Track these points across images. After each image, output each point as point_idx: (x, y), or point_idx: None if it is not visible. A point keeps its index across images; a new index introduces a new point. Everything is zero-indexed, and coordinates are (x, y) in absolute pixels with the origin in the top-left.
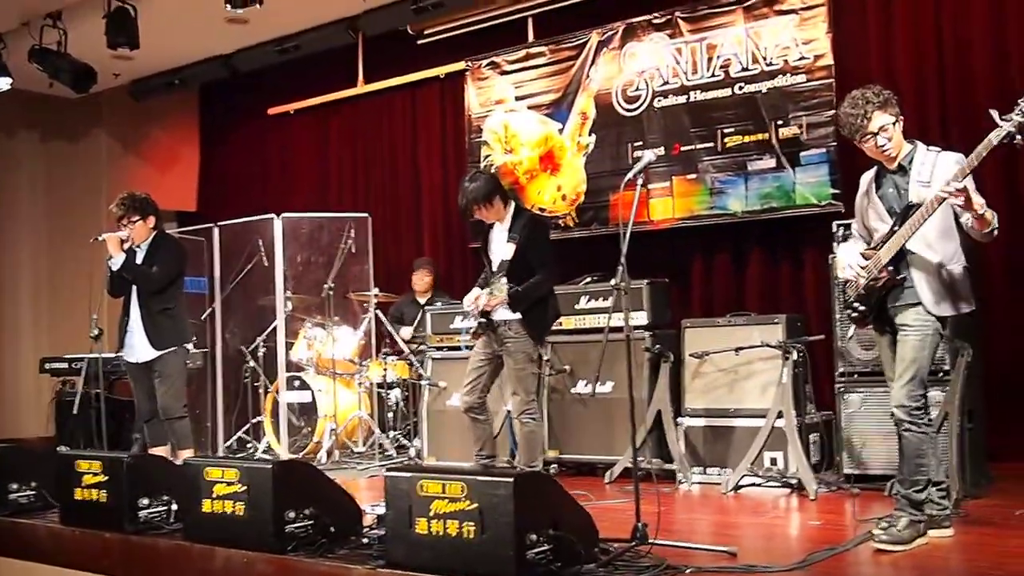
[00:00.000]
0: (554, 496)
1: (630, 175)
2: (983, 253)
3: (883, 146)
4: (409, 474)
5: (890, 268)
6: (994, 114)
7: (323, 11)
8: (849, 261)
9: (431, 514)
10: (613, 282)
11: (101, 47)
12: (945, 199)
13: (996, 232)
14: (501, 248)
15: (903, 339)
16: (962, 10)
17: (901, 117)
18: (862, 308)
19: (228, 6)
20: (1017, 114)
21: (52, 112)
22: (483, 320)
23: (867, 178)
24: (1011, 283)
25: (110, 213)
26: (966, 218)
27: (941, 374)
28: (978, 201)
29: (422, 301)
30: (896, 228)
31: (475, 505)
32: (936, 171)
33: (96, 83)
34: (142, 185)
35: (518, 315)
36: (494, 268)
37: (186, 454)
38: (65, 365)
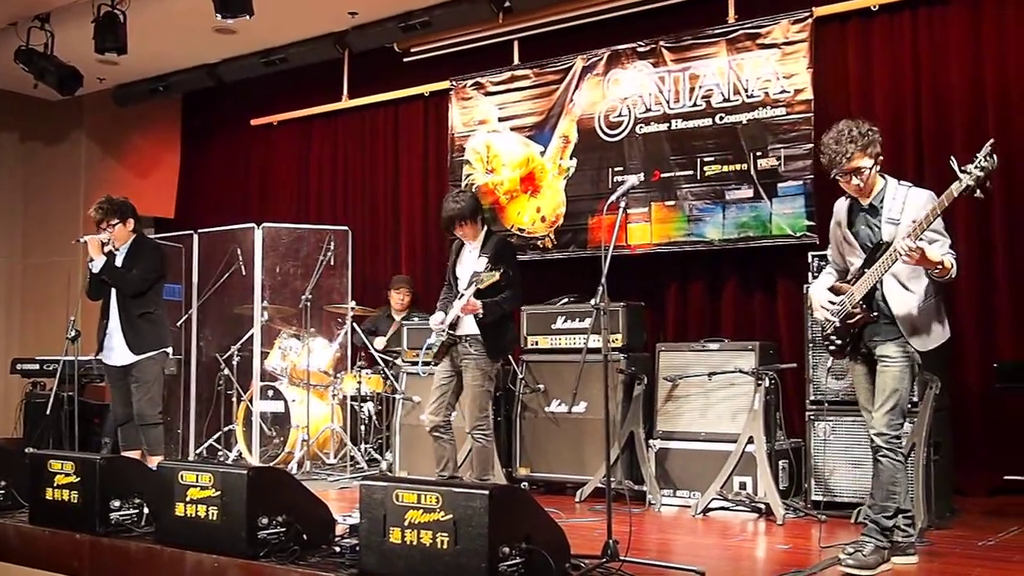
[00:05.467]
0: (528, 511)
1: (613, 197)
2: (951, 289)
3: (857, 185)
4: (385, 483)
5: (863, 305)
6: (954, 164)
7: (311, 25)
8: (821, 302)
9: (405, 524)
10: (593, 302)
11: (87, 51)
12: (898, 258)
13: (954, 275)
14: (471, 266)
15: (884, 370)
16: (939, 48)
17: (881, 157)
18: (839, 342)
19: (218, 16)
20: (976, 168)
21: (33, 113)
22: (448, 334)
23: (840, 208)
24: (978, 320)
25: (88, 217)
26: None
27: (910, 405)
28: (936, 256)
29: (398, 318)
30: (866, 268)
31: (449, 516)
32: (906, 208)
33: (81, 86)
34: (121, 190)
35: (478, 331)
36: (461, 286)
37: (157, 460)
38: (37, 367)
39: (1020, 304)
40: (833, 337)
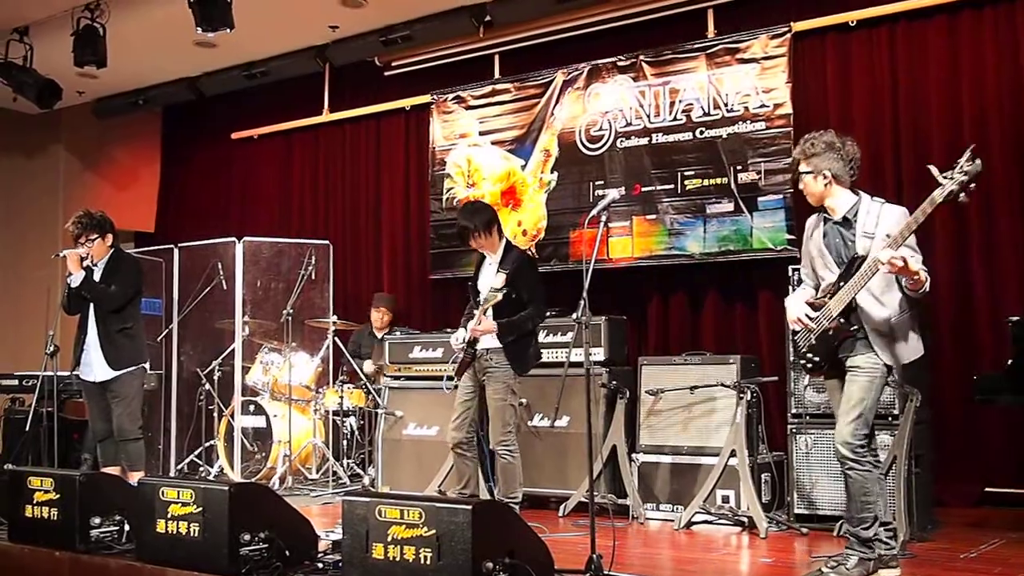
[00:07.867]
0: (511, 525)
1: (594, 212)
2: (929, 302)
3: (802, 189)
4: (367, 499)
5: (841, 320)
6: (934, 171)
7: (292, 39)
8: (798, 314)
9: (388, 539)
10: (574, 316)
11: (67, 64)
12: (878, 269)
13: (927, 290)
14: (490, 280)
15: (852, 379)
16: (917, 61)
17: (824, 174)
18: (816, 359)
19: (199, 29)
20: (959, 172)
21: (11, 127)
22: (468, 351)
23: (811, 223)
24: (957, 332)
25: (66, 232)
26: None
27: (891, 418)
28: (916, 267)
29: (379, 336)
30: (842, 282)
31: (432, 532)
32: (881, 222)
33: (60, 99)
34: (100, 204)
35: (500, 345)
36: (481, 299)
37: (138, 476)
38: (15, 382)
39: (998, 316)
40: (810, 355)
